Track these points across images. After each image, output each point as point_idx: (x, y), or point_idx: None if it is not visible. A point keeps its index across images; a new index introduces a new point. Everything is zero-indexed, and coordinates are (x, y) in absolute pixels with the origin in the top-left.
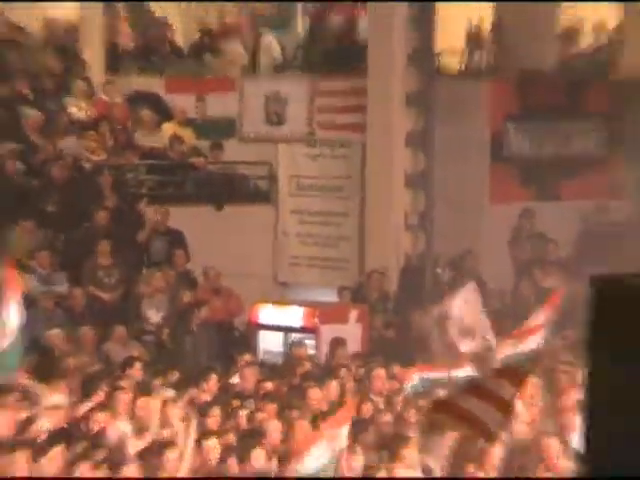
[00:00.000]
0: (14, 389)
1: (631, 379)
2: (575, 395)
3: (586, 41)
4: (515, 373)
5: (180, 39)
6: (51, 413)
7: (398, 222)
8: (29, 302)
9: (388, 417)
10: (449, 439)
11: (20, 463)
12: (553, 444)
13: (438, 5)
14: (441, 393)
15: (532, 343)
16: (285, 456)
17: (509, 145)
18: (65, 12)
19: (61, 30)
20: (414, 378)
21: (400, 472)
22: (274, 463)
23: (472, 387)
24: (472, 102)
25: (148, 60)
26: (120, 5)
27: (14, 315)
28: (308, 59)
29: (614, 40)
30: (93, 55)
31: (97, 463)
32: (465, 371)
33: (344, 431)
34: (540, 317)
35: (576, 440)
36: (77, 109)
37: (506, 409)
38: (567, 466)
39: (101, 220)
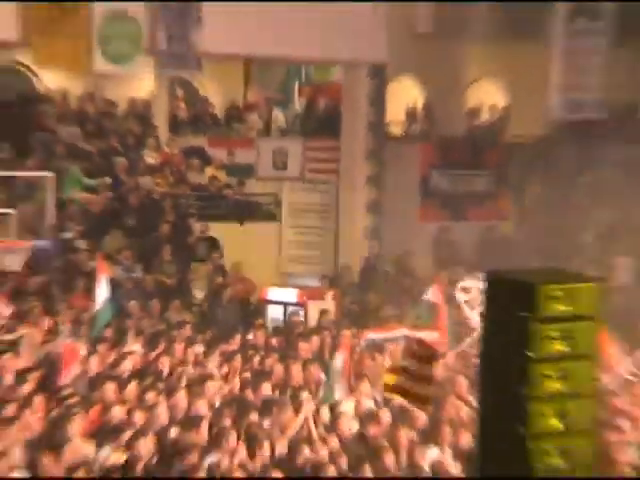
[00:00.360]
0: (105, 340)
1: (514, 353)
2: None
3: (485, 117)
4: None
5: (217, 111)
6: (131, 357)
7: (360, 234)
8: (116, 284)
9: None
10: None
11: (109, 392)
12: (463, 381)
13: (388, 89)
14: (387, 346)
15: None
16: (284, 388)
17: (433, 184)
18: (142, 92)
19: (140, 105)
20: (368, 337)
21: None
22: (276, 393)
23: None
24: (410, 157)
25: (196, 126)
26: (178, 89)
27: (103, 290)
28: (302, 126)
29: (503, 116)
30: (161, 122)
31: (159, 392)
32: (401, 332)
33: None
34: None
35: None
36: (150, 158)
37: (429, 361)
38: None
39: (164, 230)
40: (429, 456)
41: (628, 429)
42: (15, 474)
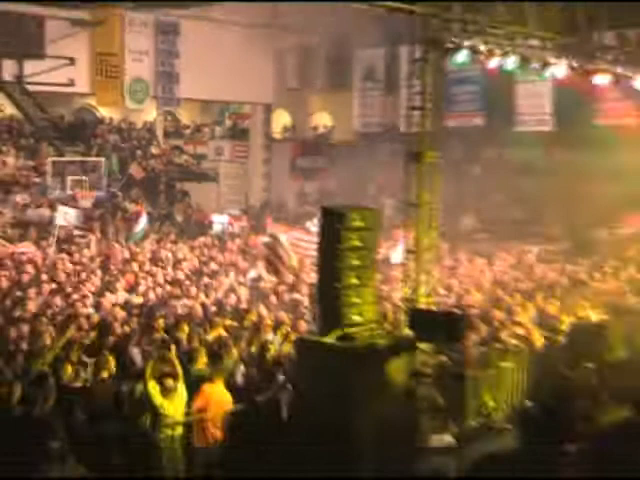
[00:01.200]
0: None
1: None
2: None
3: (321, 130)
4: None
5: (186, 127)
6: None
7: (260, 188)
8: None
9: None
10: None
11: None
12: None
13: (273, 115)
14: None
15: None
16: (221, 266)
17: (297, 164)
18: (150, 117)
19: (148, 124)
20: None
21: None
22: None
23: None
24: (285, 150)
25: (176, 135)
26: (167, 115)
27: (143, 221)
28: (230, 134)
29: (330, 130)
30: (159, 132)
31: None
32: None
33: None
34: None
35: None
36: (154, 150)
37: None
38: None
39: (162, 189)
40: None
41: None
42: None
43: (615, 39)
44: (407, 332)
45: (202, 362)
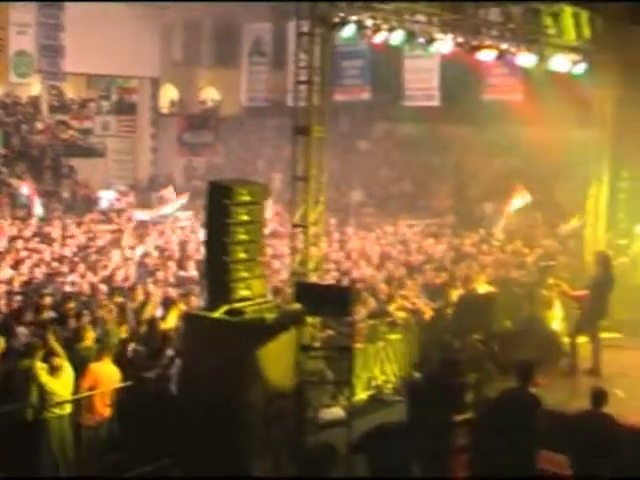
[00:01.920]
0: None
1: None
2: None
3: (209, 104)
4: None
5: (72, 101)
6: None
7: (147, 163)
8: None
9: None
10: None
11: None
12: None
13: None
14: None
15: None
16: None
17: (183, 138)
18: (35, 92)
19: (33, 98)
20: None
21: None
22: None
23: None
24: (172, 123)
25: (62, 109)
26: (52, 90)
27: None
28: (116, 109)
29: (217, 105)
30: (44, 107)
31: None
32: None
33: None
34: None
35: None
36: (39, 125)
37: None
38: None
39: (48, 163)
40: None
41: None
42: None
43: (500, 15)
44: (295, 306)
45: (89, 340)
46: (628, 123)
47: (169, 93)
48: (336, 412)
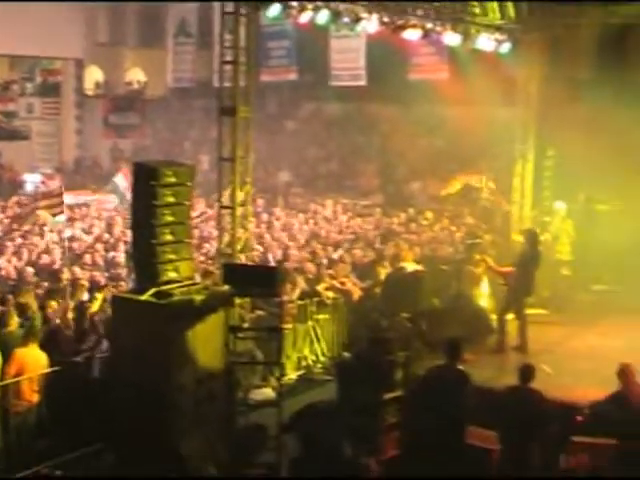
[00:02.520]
0: None
1: None
2: None
3: (135, 86)
4: None
5: None
6: None
7: (73, 145)
8: None
9: None
10: None
11: None
12: None
13: (85, 72)
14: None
15: None
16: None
17: (109, 120)
18: None
19: None
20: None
21: None
22: None
23: None
24: (97, 105)
25: None
26: None
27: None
28: (41, 92)
29: (144, 86)
30: None
31: None
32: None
33: None
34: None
35: None
36: None
37: None
38: None
39: None
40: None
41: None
42: None
43: None
44: (224, 287)
45: (13, 325)
46: (552, 101)
47: (94, 75)
48: (266, 392)
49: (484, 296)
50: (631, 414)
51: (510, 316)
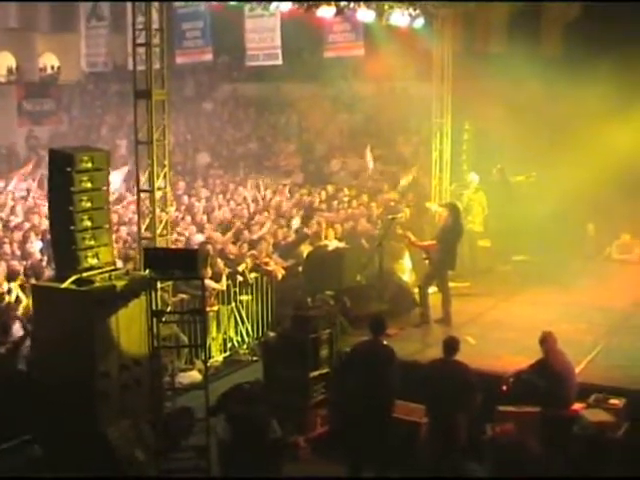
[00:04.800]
0: None
1: None
2: None
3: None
4: None
5: None
6: None
7: None
8: None
9: None
10: None
11: None
12: None
13: None
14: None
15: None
16: None
17: (22, 107)
18: None
19: None
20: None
21: None
22: None
23: None
24: (11, 92)
25: None
26: None
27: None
28: None
29: (57, 72)
30: None
31: None
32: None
33: None
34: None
35: None
36: None
37: None
38: None
39: None
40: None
41: None
42: None
43: None
44: (145, 272)
45: None
46: (467, 75)
47: (6, 61)
48: (192, 376)
49: (406, 271)
50: (553, 381)
51: (433, 289)
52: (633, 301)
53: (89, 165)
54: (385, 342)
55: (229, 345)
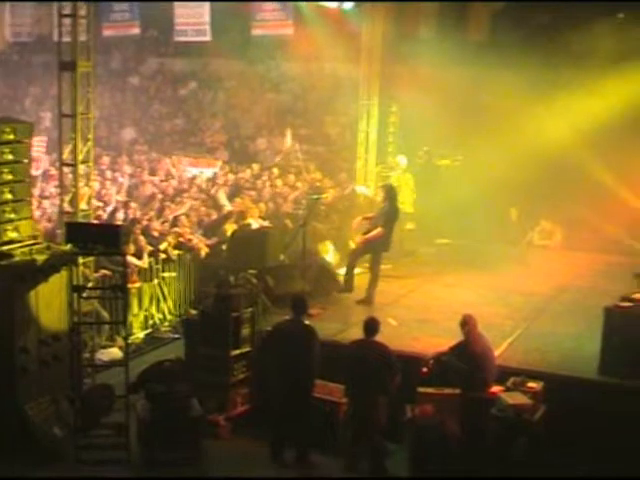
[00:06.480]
0: None
1: None
2: None
3: None
4: None
5: None
6: None
7: None
8: None
9: None
10: None
11: None
12: None
13: None
14: None
15: None
16: None
17: None
18: None
19: None
20: None
21: None
22: None
23: None
24: None
25: None
26: None
27: None
28: None
29: None
30: None
31: None
32: None
33: None
34: None
35: None
36: None
37: None
38: None
39: None
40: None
41: None
42: None
43: None
44: (66, 247)
45: None
46: (396, 59)
47: None
48: (113, 352)
49: (330, 251)
50: (473, 364)
51: (360, 270)
52: (553, 286)
53: (11, 137)
54: (306, 322)
55: (150, 322)
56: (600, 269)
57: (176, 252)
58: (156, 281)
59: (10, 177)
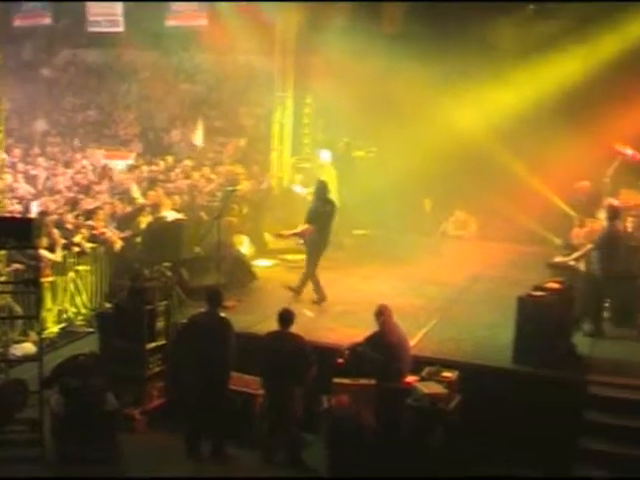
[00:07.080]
0: None
1: None
2: None
3: None
4: None
5: None
6: None
7: None
8: None
9: None
10: None
11: None
12: None
13: None
14: None
15: None
16: None
17: None
18: None
19: None
20: None
21: None
22: None
23: None
24: None
25: None
26: None
27: None
28: None
29: None
30: None
31: None
32: None
33: None
34: None
35: None
36: None
37: None
38: None
39: None
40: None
41: None
42: None
43: None
44: None
45: None
46: (311, 50)
47: None
48: (26, 347)
49: (245, 243)
50: (389, 354)
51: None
52: (467, 276)
53: None
54: (222, 314)
55: (64, 316)
56: (513, 259)
57: (90, 245)
58: (70, 274)
59: None
